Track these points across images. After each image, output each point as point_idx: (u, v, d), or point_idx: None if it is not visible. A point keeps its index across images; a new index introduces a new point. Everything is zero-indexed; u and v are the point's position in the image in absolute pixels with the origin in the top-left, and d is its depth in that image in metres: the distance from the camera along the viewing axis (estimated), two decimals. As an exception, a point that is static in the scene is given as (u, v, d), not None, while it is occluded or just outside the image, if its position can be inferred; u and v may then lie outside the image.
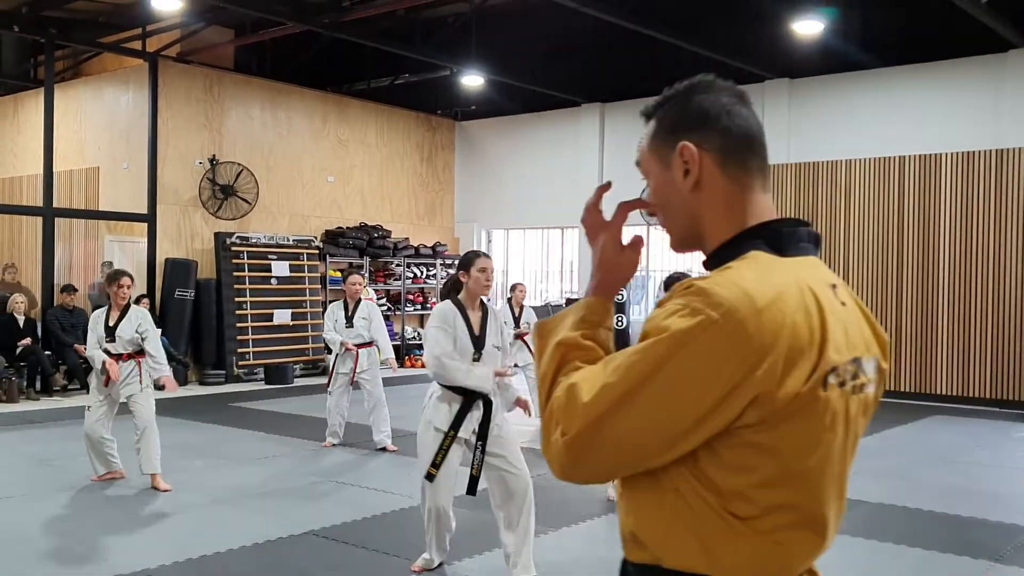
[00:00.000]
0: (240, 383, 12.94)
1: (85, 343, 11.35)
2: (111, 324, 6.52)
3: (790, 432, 1.25)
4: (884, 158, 12.46)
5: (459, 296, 4.53)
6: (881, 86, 12.55)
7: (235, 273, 13.21)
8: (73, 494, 6.33)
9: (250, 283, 13.32)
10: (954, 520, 5.87)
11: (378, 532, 5.47)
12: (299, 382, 13.28)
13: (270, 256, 13.57)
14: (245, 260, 13.32)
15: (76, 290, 11.88)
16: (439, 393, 4.49)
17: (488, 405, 4.48)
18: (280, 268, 13.65)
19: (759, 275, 1.27)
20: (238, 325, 13.06)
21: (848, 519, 4.85)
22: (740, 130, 1.39)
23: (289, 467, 7.32)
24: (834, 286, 1.36)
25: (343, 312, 8.23)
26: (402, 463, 7.44)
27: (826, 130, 13.01)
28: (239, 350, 13.03)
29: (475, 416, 4.46)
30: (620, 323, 14.85)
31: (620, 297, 14.85)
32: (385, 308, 14.54)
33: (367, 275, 14.74)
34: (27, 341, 11.12)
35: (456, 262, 16.30)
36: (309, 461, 7.58)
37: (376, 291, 14.88)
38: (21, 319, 11.31)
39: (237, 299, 13.13)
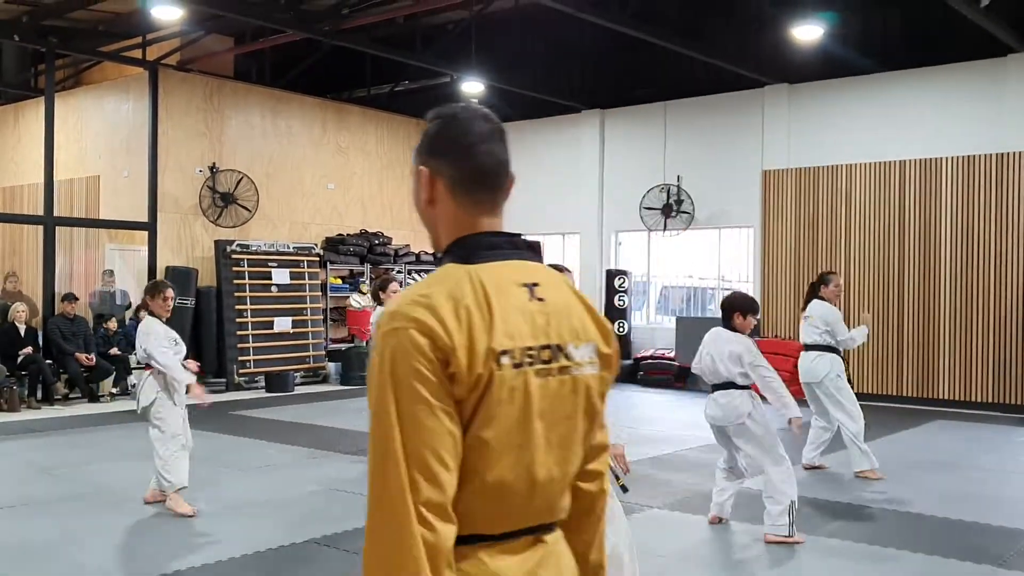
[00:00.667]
0: (241, 391, 12.93)
1: (86, 351, 11.41)
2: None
3: (470, 408, 1.49)
4: (884, 163, 12.47)
5: None
6: (881, 91, 12.56)
7: (235, 281, 13.20)
8: (74, 503, 6.32)
9: (251, 291, 13.31)
10: (957, 525, 5.86)
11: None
12: (300, 390, 13.27)
13: (270, 264, 13.56)
14: (245, 268, 13.31)
15: (77, 299, 11.88)
16: None
17: None
18: (281, 276, 13.65)
19: (430, 283, 1.56)
20: (239, 333, 13.05)
21: (850, 524, 4.88)
22: (474, 166, 1.65)
23: (290, 475, 7.31)
24: (534, 284, 1.60)
25: None
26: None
27: (826, 135, 13.01)
28: (240, 358, 13.01)
29: None
30: (622, 328, 14.86)
31: (621, 303, 14.87)
32: (386, 315, 14.51)
33: (367, 282, 14.74)
34: (28, 350, 11.12)
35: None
36: (310, 469, 7.57)
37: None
38: (22, 328, 11.31)
39: (238, 307, 13.12)
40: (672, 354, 14.02)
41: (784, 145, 13.37)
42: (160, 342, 6.02)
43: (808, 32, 10.86)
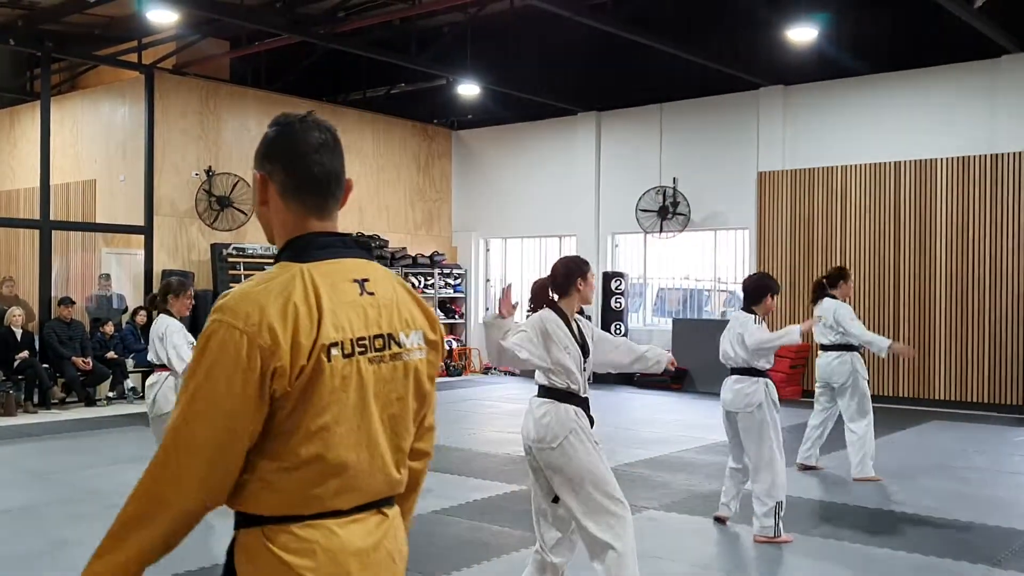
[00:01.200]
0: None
1: (82, 355, 11.41)
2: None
3: (297, 398, 1.62)
4: (879, 164, 12.50)
5: (560, 304, 4.23)
6: (875, 92, 12.59)
7: (232, 284, 13.16)
8: (72, 507, 6.32)
9: (247, 294, 13.30)
10: (952, 525, 5.87)
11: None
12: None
13: (267, 267, 13.51)
14: (242, 271, 13.33)
15: (74, 303, 11.88)
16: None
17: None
18: (277, 279, 13.63)
19: (262, 279, 1.68)
20: (236, 336, 13.03)
21: (843, 524, 4.89)
22: (304, 174, 1.77)
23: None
24: (365, 280, 1.75)
25: None
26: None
27: (821, 136, 13.04)
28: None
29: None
30: (619, 330, 14.86)
31: (618, 305, 14.88)
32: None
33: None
34: (25, 354, 11.12)
35: (452, 271, 16.23)
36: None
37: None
38: (19, 332, 11.30)
39: (234, 310, 13.11)
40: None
41: (779, 147, 13.40)
42: (183, 341, 5.99)
43: (802, 34, 10.89)
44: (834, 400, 7.39)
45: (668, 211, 14.31)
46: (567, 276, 4.24)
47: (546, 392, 4.15)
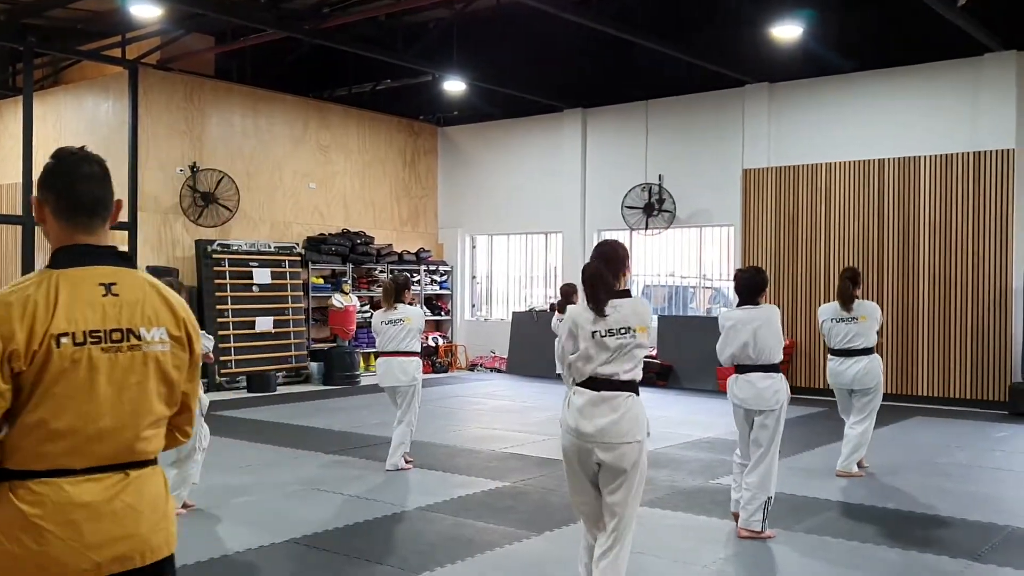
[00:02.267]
0: (222, 391, 12.88)
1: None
2: None
3: (34, 375, 2.04)
4: (864, 161, 12.56)
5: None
6: (860, 90, 12.64)
7: (216, 280, 13.15)
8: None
9: (232, 290, 13.27)
10: (933, 520, 5.91)
11: (360, 540, 5.46)
12: (282, 390, 13.24)
13: (251, 263, 13.52)
14: (226, 267, 13.26)
15: (56, 299, 11.79)
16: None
17: None
18: (262, 275, 13.60)
19: (19, 281, 2.11)
20: (220, 333, 12.97)
21: (826, 519, 4.92)
22: (71, 200, 2.19)
23: (271, 475, 7.29)
24: (112, 284, 2.15)
25: None
26: (381, 470, 7.42)
27: (806, 134, 13.09)
28: (221, 358, 12.95)
29: None
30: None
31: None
32: (369, 315, 14.47)
33: (350, 281, 14.72)
34: (7, 351, 11.03)
35: (438, 268, 16.19)
36: (291, 469, 7.55)
37: (360, 298, 14.87)
38: (0, 329, 11.22)
39: (219, 307, 13.07)
40: (654, 352, 14.06)
41: (764, 144, 13.44)
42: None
43: (788, 31, 10.92)
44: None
45: (654, 208, 14.34)
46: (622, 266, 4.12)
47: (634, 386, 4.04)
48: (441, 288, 16.46)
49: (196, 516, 5.98)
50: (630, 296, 4.04)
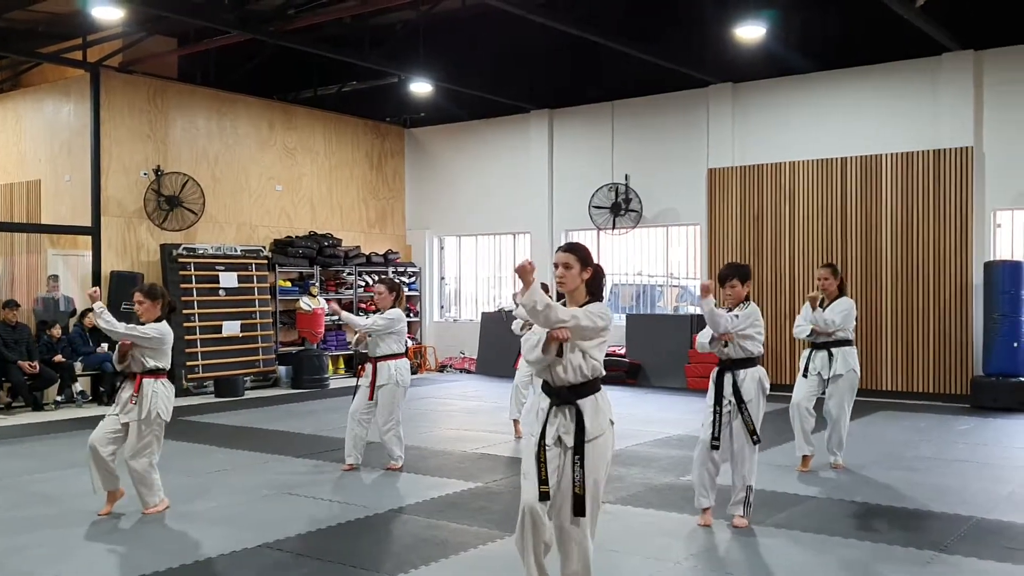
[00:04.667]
0: (190, 396, 12.76)
1: (29, 359, 11.16)
2: None
3: None
4: (825, 159, 12.73)
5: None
6: (822, 89, 12.82)
7: (182, 285, 13.02)
8: (20, 512, 6.19)
9: (198, 295, 13.16)
10: (900, 512, 6.01)
11: (334, 543, 5.44)
12: (250, 394, 13.15)
13: (217, 267, 13.41)
14: (192, 272, 13.15)
15: (19, 305, 11.62)
16: (541, 396, 4.16)
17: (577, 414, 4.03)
18: (228, 279, 13.50)
19: None
20: (186, 338, 12.85)
21: (795, 513, 4.97)
22: None
23: (241, 480, 7.24)
24: None
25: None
26: (354, 473, 7.40)
27: (769, 133, 13.24)
28: (188, 363, 12.84)
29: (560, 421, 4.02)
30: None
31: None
32: (337, 318, 14.37)
33: (318, 284, 14.64)
34: (-32, 358, 10.85)
35: (406, 270, 16.15)
36: (261, 473, 7.50)
37: (328, 300, 14.75)
38: (-39, 336, 11.03)
39: (185, 311, 12.94)
40: (623, 351, 14.14)
41: (729, 143, 13.57)
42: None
43: (750, 32, 11.03)
44: None
45: (621, 208, 14.42)
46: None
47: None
48: (410, 289, 16.41)
49: (166, 519, 5.93)
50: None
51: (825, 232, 12.72)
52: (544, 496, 3.92)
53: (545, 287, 4.39)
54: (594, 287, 4.11)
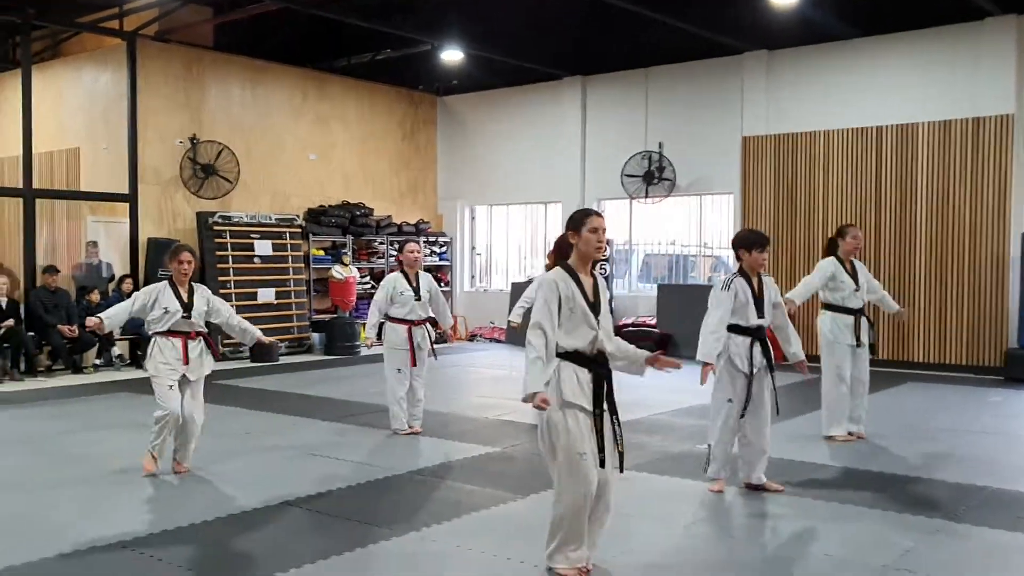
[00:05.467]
0: (226, 361, 12.99)
1: (68, 323, 11.46)
2: (185, 300, 6.24)
3: None
4: (861, 128, 12.53)
5: (569, 261, 4.21)
6: (858, 56, 12.59)
7: (218, 252, 13.24)
8: (55, 472, 6.41)
9: (233, 262, 13.37)
10: (915, 481, 5.99)
11: (351, 502, 5.57)
12: (284, 360, 13.36)
13: (252, 235, 13.60)
14: (228, 239, 13.36)
15: (59, 271, 11.91)
16: (566, 365, 4.11)
17: (610, 372, 4.20)
18: (263, 247, 13.70)
19: None
20: (222, 304, 13.08)
21: (810, 482, 4.98)
22: None
23: (269, 441, 7.41)
24: None
25: (407, 283, 7.62)
26: (377, 436, 7.54)
27: (804, 101, 13.05)
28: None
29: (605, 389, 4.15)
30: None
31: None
32: (369, 287, 14.56)
33: (350, 253, 14.78)
34: (10, 322, 11.15)
35: (437, 239, 16.21)
36: (289, 435, 7.67)
37: (359, 269, 14.94)
38: (3, 300, 11.32)
39: (220, 278, 13.17)
40: (653, 321, 14.13)
41: (763, 111, 13.41)
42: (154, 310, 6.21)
43: (784, -2, 10.86)
44: None
45: (654, 176, 14.34)
46: (565, 230, 4.27)
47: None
48: (441, 260, 16.52)
49: (193, 478, 6.10)
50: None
51: (860, 202, 12.56)
52: (603, 463, 4.13)
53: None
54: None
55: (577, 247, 4.21)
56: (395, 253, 15.42)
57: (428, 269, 16.36)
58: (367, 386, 10.27)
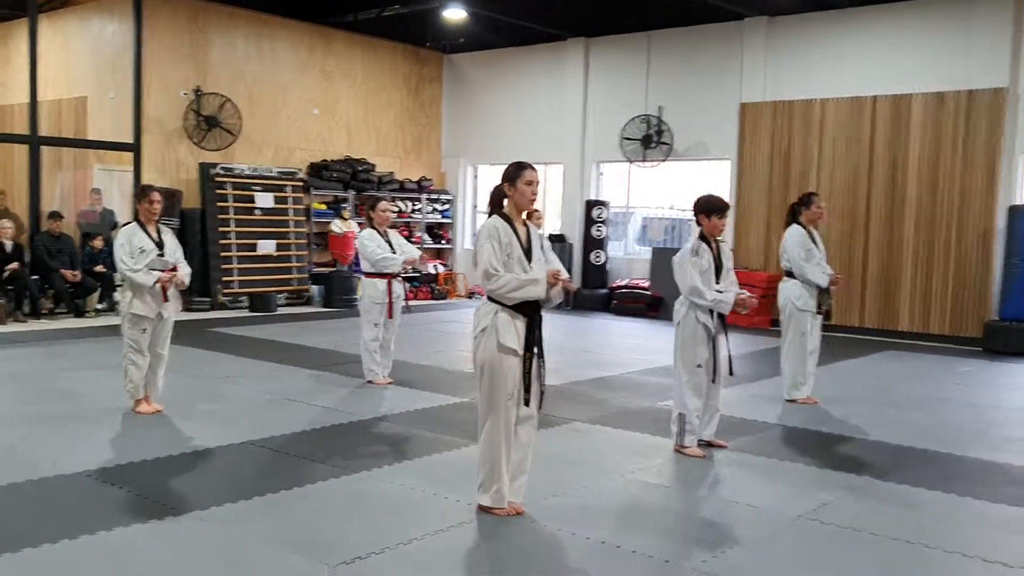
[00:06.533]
0: (225, 311, 13.34)
1: (71, 268, 11.79)
2: (156, 238, 6.49)
3: None
4: (856, 98, 12.57)
5: (504, 210, 4.49)
6: (857, 25, 12.59)
7: (219, 203, 13.51)
8: (39, 407, 6.73)
9: (235, 213, 13.64)
10: (856, 442, 6.20)
11: (312, 443, 5.85)
12: (283, 311, 13.68)
13: (254, 187, 13.85)
14: (229, 191, 13.62)
15: (62, 217, 12.22)
16: (503, 312, 4.37)
17: (541, 317, 4.47)
18: (264, 199, 13.95)
19: None
20: (222, 255, 13.41)
21: (757, 439, 5.19)
22: None
23: (249, 386, 7.70)
24: None
25: (382, 239, 7.97)
26: (352, 384, 7.82)
27: (802, 69, 13.08)
28: (224, 279, 13.40)
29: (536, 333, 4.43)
30: (599, 259, 15.13)
31: (599, 233, 15.11)
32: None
33: (351, 208, 15.01)
34: (14, 265, 11.50)
35: (439, 197, 16.39)
36: (269, 381, 7.96)
37: (359, 224, 15.15)
38: (9, 244, 11.67)
39: (221, 229, 13.46)
40: (646, 284, 14.32)
41: (761, 78, 13.45)
42: (122, 250, 6.39)
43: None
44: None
45: (652, 140, 14.44)
46: (501, 182, 4.50)
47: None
48: (443, 217, 16.72)
49: (165, 417, 6.41)
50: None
51: (853, 171, 12.63)
52: (527, 403, 4.45)
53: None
54: None
55: (512, 198, 4.46)
56: (396, 211, 15.64)
57: (430, 226, 16.68)
58: (354, 337, 10.54)
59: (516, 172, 4.44)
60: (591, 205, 15.20)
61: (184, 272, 6.61)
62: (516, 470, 4.55)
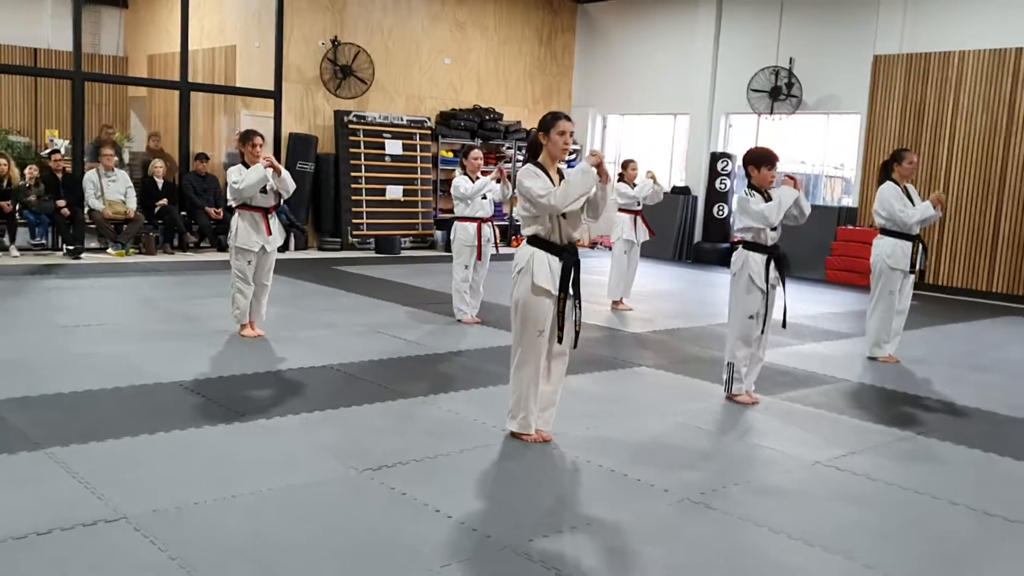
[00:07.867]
0: (354, 251, 14.13)
1: (215, 206, 12.80)
2: None
3: None
4: (1000, 50, 11.89)
5: (539, 159, 4.71)
6: (1003, -28, 11.87)
7: (352, 149, 14.25)
8: (160, 326, 7.53)
9: (365, 159, 14.35)
10: (919, 400, 6.14)
11: (387, 370, 6.33)
12: (407, 254, 14.35)
13: (385, 135, 14.50)
14: (361, 137, 14.32)
15: (208, 158, 13.24)
16: (539, 253, 4.65)
17: (578, 261, 4.71)
18: (394, 147, 14.59)
19: None
20: (353, 198, 14.18)
21: (811, 392, 5.37)
22: None
23: (346, 318, 8.29)
24: None
25: (472, 184, 8.32)
26: (441, 321, 8.29)
27: (942, 19, 12.47)
28: (353, 220, 14.18)
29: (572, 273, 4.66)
30: (721, 212, 15.00)
31: (723, 186, 14.96)
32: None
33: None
34: (164, 201, 12.60)
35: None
36: (366, 314, 8.53)
37: (483, 172, 15.56)
38: (160, 182, 12.78)
39: (353, 173, 14.21)
40: (766, 239, 14.10)
41: (898, 29, 12.90)
42: (231, 179, 6.99)
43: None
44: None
45: (780, 92, 14.13)
46: (536, 131, 4.76)
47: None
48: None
49: (263, 341, 7.05)
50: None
51: (989, 130, 12.01)
52: (560, 340, 4.73)
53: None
54: None
55: (547, 147, 4.70)
56: (520, 159, 16.00)
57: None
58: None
59: (551, 122, 4.67)
60: (716, 157, 15.06)
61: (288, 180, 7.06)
62: (546, 402, 4.86)
